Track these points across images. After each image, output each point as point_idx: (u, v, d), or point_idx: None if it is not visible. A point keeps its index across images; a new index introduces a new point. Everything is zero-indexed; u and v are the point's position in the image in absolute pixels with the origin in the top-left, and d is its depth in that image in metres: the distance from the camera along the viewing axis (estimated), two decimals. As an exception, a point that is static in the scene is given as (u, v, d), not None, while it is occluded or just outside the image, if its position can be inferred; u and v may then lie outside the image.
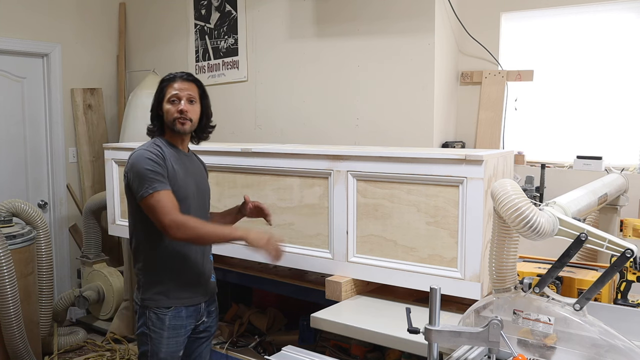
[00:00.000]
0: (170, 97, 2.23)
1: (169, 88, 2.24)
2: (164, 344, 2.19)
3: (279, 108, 3.95)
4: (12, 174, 4.34)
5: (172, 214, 2.06)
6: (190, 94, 2.25)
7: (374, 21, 3.44)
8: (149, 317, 2.20)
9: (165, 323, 2.19)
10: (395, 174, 2.31)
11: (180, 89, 2.23)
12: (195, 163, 2.38)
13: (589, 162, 2.98)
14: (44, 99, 4.50)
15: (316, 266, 2.59)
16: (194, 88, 2.27)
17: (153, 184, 2.09)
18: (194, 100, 2.26)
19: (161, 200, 2.08)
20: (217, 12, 4.24)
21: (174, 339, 2.21)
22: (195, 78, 2.31)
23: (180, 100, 2.22)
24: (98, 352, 3.96)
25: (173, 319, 2.20)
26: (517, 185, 1.69)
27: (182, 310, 2.21)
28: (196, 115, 2.28)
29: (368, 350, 2.81)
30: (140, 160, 2.13)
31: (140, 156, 2.15)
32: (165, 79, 2.28)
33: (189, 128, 2.26)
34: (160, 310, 2.19)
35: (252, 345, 3.32)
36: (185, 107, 2.22)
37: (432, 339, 1.51)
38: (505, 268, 1.75)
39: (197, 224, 2.09)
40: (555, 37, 3.24)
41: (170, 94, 2.23)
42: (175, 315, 2.21)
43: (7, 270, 3.14)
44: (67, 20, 4.57)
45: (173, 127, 2.23)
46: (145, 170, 2.10)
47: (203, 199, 2.34)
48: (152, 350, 2.19)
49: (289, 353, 1.89)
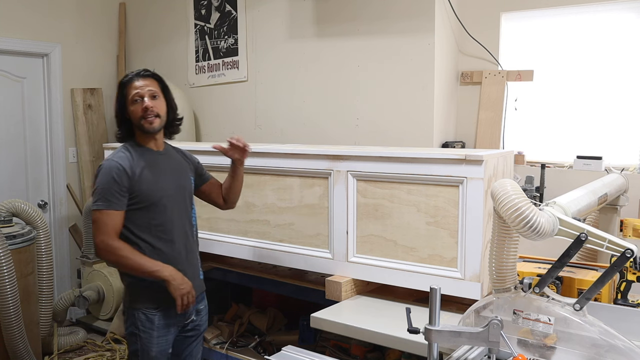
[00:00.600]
0: (132, 97, 2.19)
1: (129, 89, 2.21)
2: (154, 343, 2.19)
3: (279, 108, 3.95)
4: (12, 174, 4.34)
5: (106, 235, 2.09)
6: (151, 89, 2.21)
7: (374, 21, 3.44)
8: (138, 318, 2.19)
9: (155, 323, 2.19)
10: (395, 174, 2.31)
11: (140, 87, 2.19)
12: (173, 159, 2.34)
13: (589, 162, 2.98)
14: (44, 99, 4.50)
15: (316, 266, 2.59)
16: (154, 83, 2.24)
17: (102, 201, 2.11)
18: (157, 95, 2.22)
19: (102, 219, 2.10)
20: (217, 12, 4.24)
21: (163, 337, 2.21)
22: (153, 73, 2.27)
23: (143, 97, 2.19)
24: (98, 352, 3.96)
25: (162, 318, 2.20)
26: (517, 185, 1.69)
27: (170, 309, 2.18)
28: (162, 110, 2.24)
29: (368, 350, 2.81)
30: (105, 174, 2.14)
31: (107, 168, 2.15)
32: (124, 80, 2.24)
33: (158, 125, 2.22)
34: (149, 310, 2.19)
35: (252, 345, 3.32)
36: (149, 104, 2.18)
37: (432, 339, 1.51)
38: (505, 268, 1.75)
39: (125, 254, 2.10)
40: (555, 37, 3.24)
41: (131, 94, 2.19)
42: (164, 314, 2.20)
43: (7, 270, 3.14)
44: (67, 20, 4.56)
45: (142, 127, 2.20)
46: (104, 185, 2.12)
47: (182, 195, 2.31)
48: (142, 349, 2.19)
49: (289, 353, 1.89)
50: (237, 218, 2.84)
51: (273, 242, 2.73)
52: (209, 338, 3.35)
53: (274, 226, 2.73)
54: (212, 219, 2.94)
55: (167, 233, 2.22)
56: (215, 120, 4.33)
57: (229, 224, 2.87)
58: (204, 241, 2.96)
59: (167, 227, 2.22)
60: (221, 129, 4.28)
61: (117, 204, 2.12)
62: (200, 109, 4.40)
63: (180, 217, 2.28)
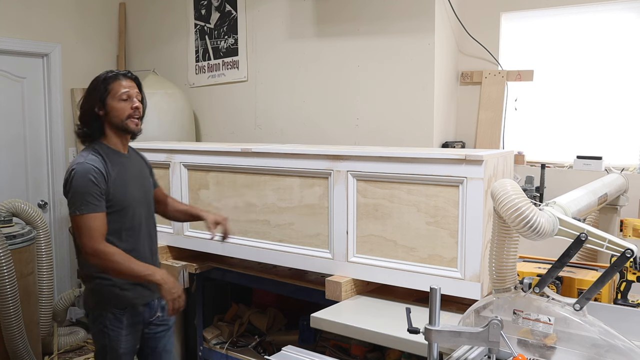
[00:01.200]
0: (120, 94, 2.16)
1: (116, 86, 2.17)
2: (122, 340, 2.21)
3: (279, 108, 3.95)
4: (12, 174, 4.34)
5: (94, 240, 2.05)
6: (137, 92, 2.22)
7: (374, 21, 3.44)
8: (107, 317, 2.19)
9: (124, 322, 2.21)
10: (395, 174, 2.31)
11: (129, 87, 2.19)
12: (135, 162, 2.33)
13: (589, 162, 2.98)
14: (44, 99, 4.50)
15: (316, 266, 2.59)
16: (136, 86, 2.24)
17: (85, 205, 2.06)
18: (140, 99, 2.23)
19: (88, 223, 2.06)
20: (217, 12, 4.24)
21: (131, 335, 2.24)
22: (136, 76, 2.27)
23: (131, 97, 2.18)
24: (98, 352, 3.96)
25: (130, 317, 2.22)
26: (517, 185, 1.69)
27: (137, 309, 2.23)
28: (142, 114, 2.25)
29: (368, 350, 2.81)
30: (81, 176, 2.08)
31: (82, 171, 2.09)
32: (109, 76, 2.19)
33: (140, 127, 2.24)
34: (118, 310, 2.19)
35: (252, 345, 3.32)
36: (139, 104, 2.19)
37: (432, 339, 1.51)
38: (505, 268, 1.75)
39: (117, 259, 2.06)
40: (555, 37, 3.24)
41: (120, 91, 2.16)
42: (133, 313, 2.23)
43: (7, 270, 3.14)
44: (67, 20, 4.57)
45: (125, 126, 2.18)
46: (82, 189, 2.07)
47: (148, 199, 2.34)
48: (110, 346, 2.20)
49: (289, 353, 1.89)
50: (237, 218, 2.84)
51: (273, 242, 2.73)
52: (209, 338, 3.35)
53: (274, 226, 2.73)
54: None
55: (135, 237, 2.23)
56: (215, 120, 4.33)
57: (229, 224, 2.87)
58: (203, 241, 2.96)
59: (136, 230, 2.23)
60: (221, 129, 4.28)
61: (100, 206, 2.09)
62: (200, 109, 4.40)
63: (147, 220, 2.30)
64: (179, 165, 3.04)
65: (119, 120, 2.17)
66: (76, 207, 2.07)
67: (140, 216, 2.25)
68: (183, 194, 3.04)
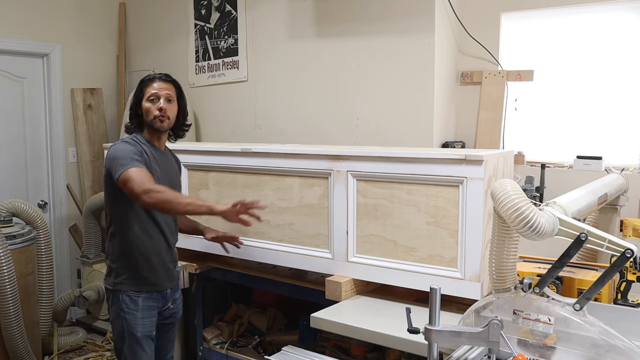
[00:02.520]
0: (149, 96, 2.37)
1: (148, 88, 2.39)
2: (139, 324, 2.34)
3: (279, 108, 3.95)
4: (12, 174, 4.34)
5: (146, 182, 2.18)
6: (168, 93, 2.40)
7: (374, 21, 3.44)
8: (123, 300, 2.34)
9: (139, 304, 2.35)
10: (395, 174, 2.31)
11: (159, 89, 2.38)
12: (169, 161, 2.53)
13: (589, 162, 2.98)
14: (44, 99, 4.50)
15: (316, 266, 2.59)
16: (172, 88, 2.42)
17: (130, 163, 2.22)
18: (172, 99, 2.41)
19: (136, 173, 2.20)
20: (217, 12, 4.24)
21: (147, 319, 2.37)
22: (173, 79, 2.46)
23: (159, 99, 2.37)
24: (98, 352, 3.96)
25: (146, 300, 2.37)
26: (517, 185, 1.69)
27: (152, 293, 2.40)
28: (173, 113, 2.42)
29: (368, 350, 2.81)
30: (120, 148, 2.29)
31: (119, 145, 2.32)
32: (145, 79, 2.42)
33: (167, 125, 2.41)
34: (134, 293, 2.35)
35: (252, 345, 3.32)
36: (164, 106, 2.37)
37: (432, 339, 1.51)
38: (505, 268, 1.75)
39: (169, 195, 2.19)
40: (555, 37, 3.24)
41: (149, 93, 2.38)
42: (148, 297, 2.38)
43: (7, 270, 3.14)
44: (67, 20, 4.57)
45: (153, 124, 2.38)
46: (124, 154, 2.25)
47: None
48: (128, 331, 2.33)
49: (289, 353, 1.89)
50: (237, 218, 2.84)
51: (273, 242, 2.73)
52: (209, 338, 3.35)
53: (273, 226, 2.73)
54: (211, 219, 2.93)
55: (160, 225, 2.39)
56: (215, 120, 4.33)
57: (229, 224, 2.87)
58: (203, 241, 2.96)
59: (161, 220, 2.39)
60: (221, 129, 4.28)
61: (141, 162, 2.26)
62: (200, 109, 4.40)
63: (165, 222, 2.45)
64: (179, 165, 3.04)
65: (148, 119, 2.39)
66: (121, 166, 2.22)
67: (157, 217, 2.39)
68: (183, 194, 3.04)
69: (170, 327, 2.56)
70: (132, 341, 2.33)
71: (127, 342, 2.33)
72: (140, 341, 2.34)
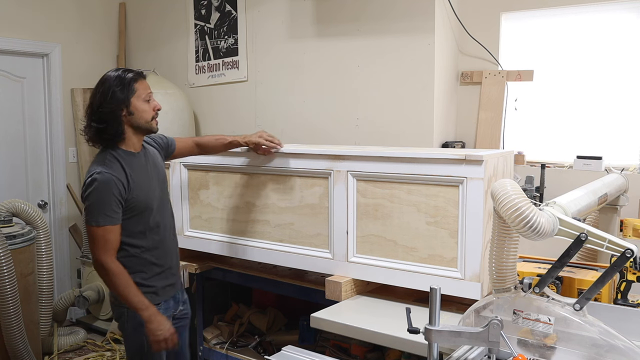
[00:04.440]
0: (146, 96, 2.17)
1: (141, 86, 2.16)
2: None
3: (279, 108, 3.95)
4: (12, 174, 4.34)
5: (107, 254, 2.08)
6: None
7: (374, 21, 3.44)
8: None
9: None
10: (395, 174, 2.31)
11: (149, 87, 2.20)
12: (149, 156, 2.30)
13: (589, 162, 2.98)
14: (44, 99, 4.50)
15: (316, 266, 2.59)
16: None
17: (102, 218, 2.07)
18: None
19: (105, 236, 2.08)
20: (217, 12, 4.24)
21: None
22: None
23: (152, 98, 2.20)
24: (98, 352, 3.96)
25: (164, 311, 2.27)
26: (517, 185, 1.69)
27: (169, 302, 2.32)
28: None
29: (368, 350, 2.81)
30: (102, 187, 2.06)
31: (103, 182, 2.06)
32: (131, 76, 2.14)
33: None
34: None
35: (252, 345, 3.32)
36: (160, 106, 2.23)
37: (432, 339, 1.51)
38: (505, 268, 1.75)
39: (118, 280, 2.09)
40: (555, 37, 3.24)
41: (146, 92, 2.17)
42: (165, 307, 2.29)
43: (7, 270, 3.14)
44: (67, 20, 4.57)
45: (150, 127, 2.20)
46: (101, 201, 2.06)
47: (165, 191, 2.36)
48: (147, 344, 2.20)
49: (289, 353, 1.89)
50: (237, 218, 2.84)
51: (273, 242, 2.73)
52: (209, 338, 3.35)
53: (274, 226, 2.72)
54: (212, 219, 2.94)
55: (160, 234, 2.27)
56: (215, 120, 4.33)
57: (229, 223, 2.87)
58: (204, 241, 2.97)
59: (160, 228, 2.28)
60: (221, 129, 4.28)
61: (117, 218, 2.10)
62: (200, 109, 4.40)
63: (167, 213, 2.36)
64: (179, 165, 3.03)
65: (143, 121, 2.16)
66: (93, 217, 2.08)
67: (161, 212, 2.28)
68: (183, 194, 3.04)
69: (184, 329, 2.47)
70: (151, 354, 2.23)
71: (145, 357, 2.23)
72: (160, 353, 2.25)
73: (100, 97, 2.11)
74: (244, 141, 2.58)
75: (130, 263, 2.18)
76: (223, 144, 2.61)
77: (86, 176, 2.13)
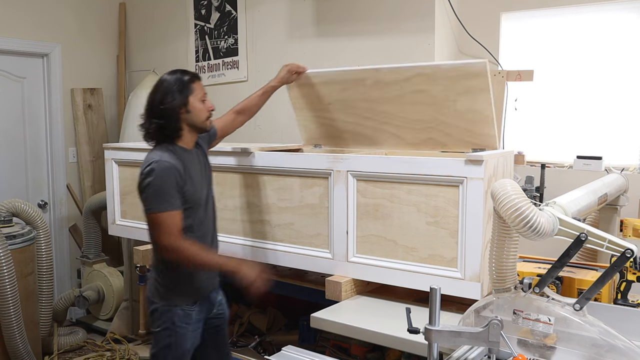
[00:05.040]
0: (202, 96, 2.25)
1: (198, 86, 2.24)
2: (189, 337, 2.28)
3: (279, 108, 3.94)
4: (12, 174, 4.34)
5: (174, 236, 2.11)
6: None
7: (374, 21, 3.44)
8: (176, 314, 2.24)
9: (192, 318, 2.28)
10: (395, 174, 2.31)
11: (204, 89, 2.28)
12: (200, 155, 2.38)
13: (589, 162, 2.98)
14: (44, 99, 4.50)
15: (316, 266, 2.59)
16: None
17: (164, 203, 2.10)
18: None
19: (167, 221, 2.10)
20: (217, 12, 4.24)
21: (197, 331, 2.32)
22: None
23: (207, 99, 2.28)
24: (98, 352, 3.96)
25: (198, 313, 2.30)
26: (517, 185, 1.69)
27: (204, 304, 2.34)
28: None
29: (368, 350, 2.81)
30: (161, 174, 2.10)
31: (162, 170, 2.11)
32: (190, 77, 2.23)
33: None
34: (187, 307, 2.26)
35: (252, 345, 3.32)
36: (214, 107, 2.31)
37: (432, 339, 1.51)
38: (505, 268, 1.75)
39: (192, 252, 2.13)
40: (555, 37, 3.24)
41: (202, 92, 2.25)
42: (200, 309, 2.31)
43: (7, 270, 3.14)
44: (67, 20, 4.57)
45: (204, 126, 2.28)
46: (162, 187, 2.10)
47: (210, 187, 2.41)
48: (176, 343, 2.25)
49: (289, 353, 1.89)
50: (238, 218, 2.84)
51: (273, 242, 2.73)
52: (209, 338, 3.35)
53: (274, 226, 2.73)
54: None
55: (203, 230, 2.30)
56: (215, 120, 4.32)
57: (229, 223, 2.87)
58: (204, 241, 2.96)
59: (204, 225, 2.31)
60: (221, 129, 4.27)
61: (177, 204, 2.13)
62: (200, 109, 4.40)
63: (211, 212, 2.39)
64: (179, 165, 3.03)
65: (199, 119, 2.24)
66: (154, 204, 2.11)
67: (207, 209, 2.33)
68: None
69: (223, 328, 2.48)
70: (178, 354, 2.27)
71: (171, 355, 2.26)
72: (186, 354, 2.29)
73: (161, 95, 2.20)
74: (277, 83, 2.73)
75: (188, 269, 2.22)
76: (258, 96, 2.72)
77: (143, 166, 2.16)
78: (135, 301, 4.11)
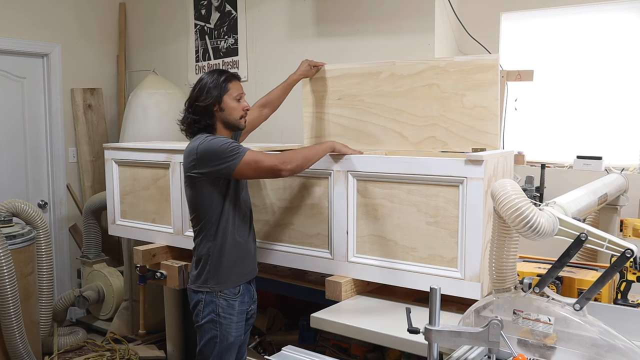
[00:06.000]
0: (237, 95, 2.32)
1: (234, 85, 2.32)
2: (233, 328, 2.33)
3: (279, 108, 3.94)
4: (12, 174, 4.34)
5: (272, 157, 2.21)
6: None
7: (374, 21, 3.44)
8: (219, 304, 2.31)
9: (235, 308, 2.34)
10: (395, 174, 2.31)
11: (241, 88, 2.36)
12: None
13: (589, 162, 2.98)
14: (44, 99, 4.50)
15: (316, 266, 2.59)
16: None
17: (240, 149, 2.20)
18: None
19: (255, 154, 2.20)
20: (217, 12, 4.24)
21: (240, 322, 2.37)
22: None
23: (243, 98, 2.35)
24: (98, 352, 3.96)
25: (241, 304, 2.36)
26: (517, 185, 1.69)
27: (245, 296, 2.39)
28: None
29: (368, 350, 2.81)
30: (215, 142, 2.21)
31: (211, 141, 2.22)
32: (227, 76, 2.32)
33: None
34: (230, 296, 2.33)
35: (252, 345, 3.32)
36: (249, 107, 2.39)
37: (432, 339, 1.51)
38: (505, 268, 1.75)
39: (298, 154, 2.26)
40: (555, 37, 3.24)
41: (238, 91, 2.33)
42: (242, 300, 2.37)
43: (7, 270, 3.14)
44: (67, 20, 4.57)
45: (238, 124, 2.35)
46: (225, 145, 2.19)
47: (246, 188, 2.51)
48: (221, 335, 2.30)
49: (289, 353, 1.89)
50: (237, 218, 2.84)
51: (273, 242, 2.73)
52: (209, 338, 3.35)
53: (274, 226, 2.73)
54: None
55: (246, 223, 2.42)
56: (215, 120, 4.32)
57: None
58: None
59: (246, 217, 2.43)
60: (221, 129, 4.28)
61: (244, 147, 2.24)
62: (200, 109, 4.39)
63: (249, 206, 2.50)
64: (179, 165, 3.03)
65: (233, 118, 2.33)
66: (234, 155, 2.19)
67: (247, 202, 2.45)
68: (183, 193, 3.03)
69: (250, 326, 2.55)
70: (224, 347, 2.29)
71: (217, 348, 2.29)
72: (232, 347, 2.32)
73: (197, 92, 2.31)
74: (299, 76, 2.88)
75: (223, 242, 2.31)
76: (281, 89, 2.84)
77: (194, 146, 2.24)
78: (135, 301, 4.11)
